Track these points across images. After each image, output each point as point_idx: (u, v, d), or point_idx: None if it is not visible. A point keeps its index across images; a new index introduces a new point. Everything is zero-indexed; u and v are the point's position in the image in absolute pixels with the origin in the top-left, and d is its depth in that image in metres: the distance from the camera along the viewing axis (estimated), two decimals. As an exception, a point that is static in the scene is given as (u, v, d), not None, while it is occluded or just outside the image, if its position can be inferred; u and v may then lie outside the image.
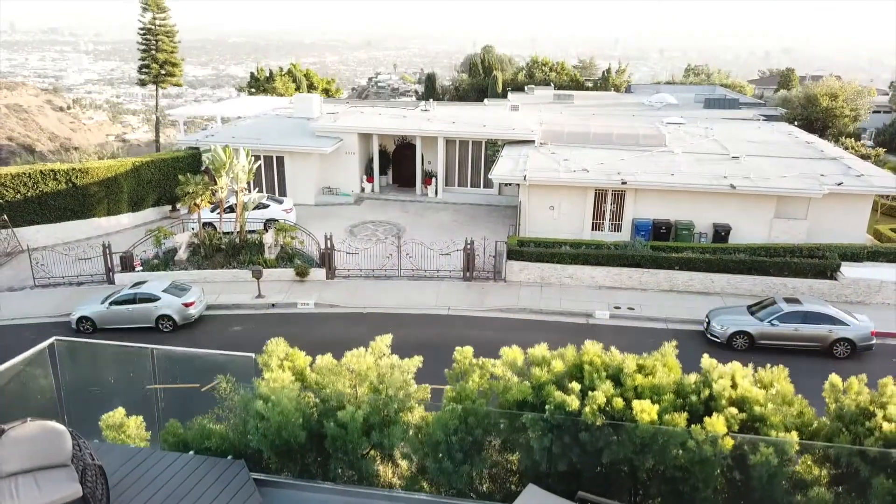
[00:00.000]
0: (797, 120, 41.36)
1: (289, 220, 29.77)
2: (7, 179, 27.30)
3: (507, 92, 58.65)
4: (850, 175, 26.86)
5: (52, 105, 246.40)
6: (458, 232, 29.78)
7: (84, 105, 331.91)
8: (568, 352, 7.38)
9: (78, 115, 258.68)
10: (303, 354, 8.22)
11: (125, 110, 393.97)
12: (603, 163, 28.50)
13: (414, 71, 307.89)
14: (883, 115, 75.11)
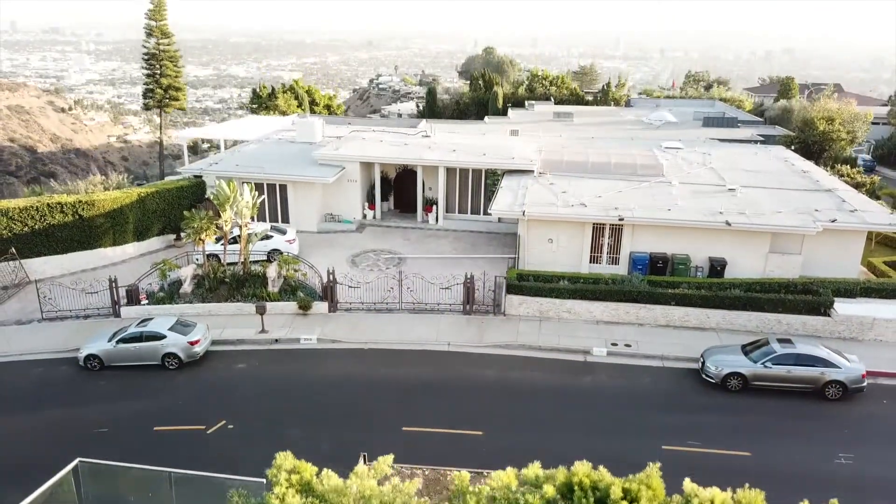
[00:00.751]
0: (794, 143, 41.76)
1: (292, 250, 30.26)
2: (15, 213, 27.78)
3: (508, 108, 59.05)
4: (844, 210, 27.30)
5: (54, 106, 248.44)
6: (458, 263, 30.25)
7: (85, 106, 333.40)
8: (559, 473, 7.77)
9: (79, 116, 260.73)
10: (309, 465, 8.58)
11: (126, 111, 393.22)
12: (601, 196, 28.93)
13: (415, 73, 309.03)
14: (882, 128, 75.63)
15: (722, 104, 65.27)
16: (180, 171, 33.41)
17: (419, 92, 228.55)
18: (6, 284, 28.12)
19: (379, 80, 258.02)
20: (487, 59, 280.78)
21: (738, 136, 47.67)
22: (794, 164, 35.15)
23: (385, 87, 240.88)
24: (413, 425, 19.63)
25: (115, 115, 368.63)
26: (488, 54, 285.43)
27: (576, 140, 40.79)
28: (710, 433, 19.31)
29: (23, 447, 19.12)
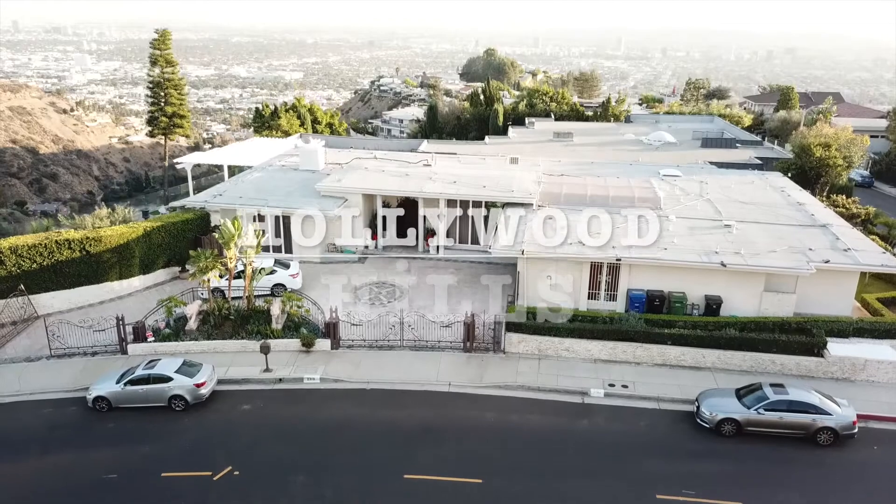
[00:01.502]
0: (791, 168, 42.22)
1: (295, 284, 30.84)
2: (24, 250, 28.31)
3: (508, 126, 59.48)
4: (838, 249, 27.79)
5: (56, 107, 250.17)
6: (459, 296, 30.83)
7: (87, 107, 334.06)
8: None
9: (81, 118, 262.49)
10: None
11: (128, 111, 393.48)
12: (599, 232, 29.42)
13: (416, 74, 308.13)
14: (881, 141, 76.02)
15: (721, 121, 65.69)
16: (185, 203, 33.85)
17: (420, 94, 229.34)
18: (15, 320, 28.64)
19: (380, 83, 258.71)
20: (488, 60, 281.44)
21: (736, 158, 48.16)
22: (790, 194, 35.61)
23: (386, 89, 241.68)
24: (414, 472, 20.15)
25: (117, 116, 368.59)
26: (489, 56, 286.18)
27: (575, 166, 41.22)
28: (705, 481, 19.81)
29: (33, 495, 19.65)
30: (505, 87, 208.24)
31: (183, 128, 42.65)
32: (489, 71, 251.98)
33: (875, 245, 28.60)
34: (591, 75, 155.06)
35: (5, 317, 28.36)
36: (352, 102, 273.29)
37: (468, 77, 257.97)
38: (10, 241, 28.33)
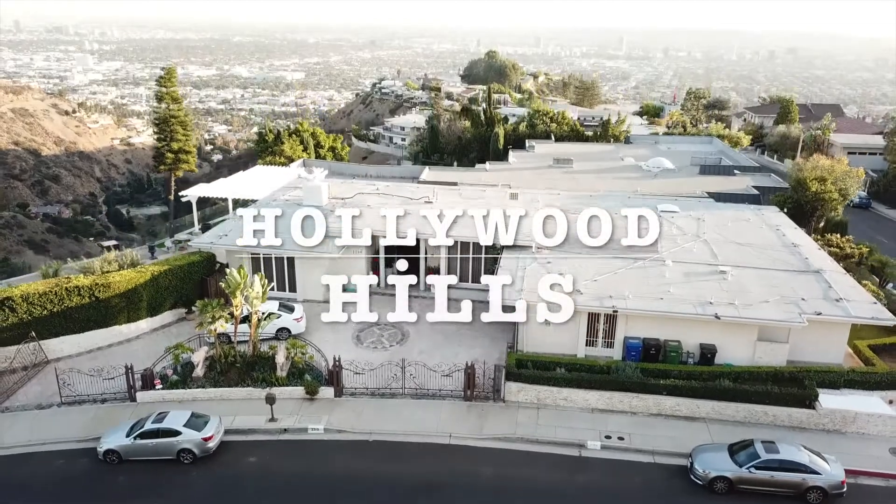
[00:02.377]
0: (788, 202, 42.83)
1: (299, 328, 31.54)
2: (35, 298, 29.00)
3: (508, 150, 60.04)
4: (830, 299, 28.41)
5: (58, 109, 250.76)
6: (460, 338, 31.51)
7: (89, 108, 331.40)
8: None
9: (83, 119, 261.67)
10: None
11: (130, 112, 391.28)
12: (596, 279, 30.06)
13: (417, 76, 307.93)
14: (878, 158, 76.56)
15: (720, 142, 66.23)
16: (190, 240, 34.52)
17: (421, 97, 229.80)
18: (26, 365, 29.33)
19: (382, 85, 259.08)
20: (490, 63, 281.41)
21: (733, 187, 48.76)
22: (785, 234, 36.21)
23: (388, 92, 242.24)
24: (415, 533, 20.85)
25: (119, 118, 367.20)
26: (490, 58, 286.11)
27: (574, 199, 41.80)
28: (697, 543, 20.50)
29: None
30: (506, 90, 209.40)
31: (188, 163, 43.28)
32: (490, 73, 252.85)
33: (866, 294, 29.19)
34: (591, 84, 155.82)
35: (17, 362, 29.05)
36: (353, 105, 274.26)
37: (469, 79, 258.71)
38: (21, 289, 29.00)
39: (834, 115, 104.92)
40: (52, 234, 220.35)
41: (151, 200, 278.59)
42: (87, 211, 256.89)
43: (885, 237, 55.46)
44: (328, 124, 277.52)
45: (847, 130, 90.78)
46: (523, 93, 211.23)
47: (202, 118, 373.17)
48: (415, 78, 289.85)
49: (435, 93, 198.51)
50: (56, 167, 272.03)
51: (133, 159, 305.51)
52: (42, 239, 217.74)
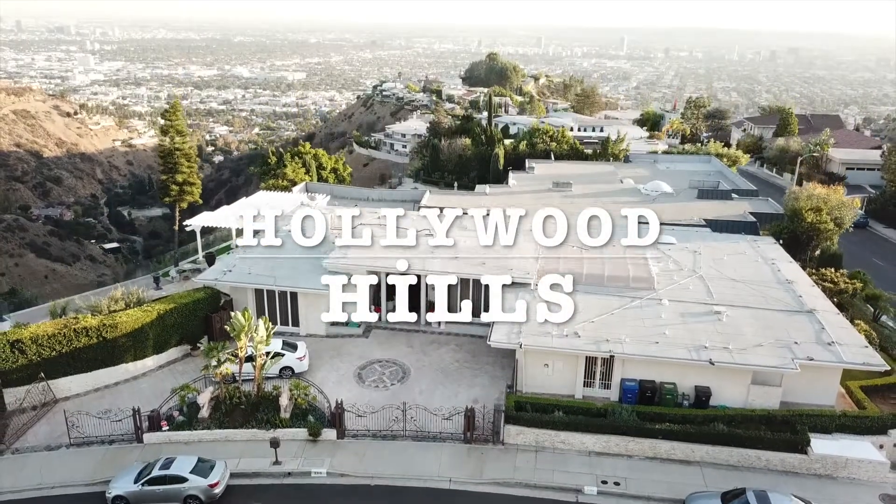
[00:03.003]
0: (784, 232, 43.37)
1: (302, 367, 32.14)
2: (44, 340, 29.63)
3: (509, 171, 60.56)
4: (822, 342, 28.99)
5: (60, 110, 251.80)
6: (459, 377, 32.14)
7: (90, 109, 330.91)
8: None
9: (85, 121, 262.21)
10: None
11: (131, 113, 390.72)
12: (594, 320, 30.66)
13: (419, 78, 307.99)
14: (877, 174, 76.97)
15: (718, 161, 66.72)
16: (194, 274, 35.15)
17: (422, 99, 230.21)
18: (36, 404, 29.96)
19: (383, 87, 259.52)
20: (491, 65, 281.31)
21: (731, 212, 49.40)
22: (780, 269, 36.79)
23: (389, 95, 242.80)
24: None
25: (120, 119, 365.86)
26: (492, 60, 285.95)
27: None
28: None
29: None
30: (507, 93, 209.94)
31: (193, 194, 43.91)
32: (492, 75, 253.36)
33: (858, 337, 29.76)
34: (591, 91, 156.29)
35: (27, 403, 29.68)
36: (354, 107, 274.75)
37: (470, 81, 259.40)
38: (31, 331, 29.62)
39: (833, 127, 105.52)
40: (54, 238, 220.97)
41: (153, 202, 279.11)
42: (89, 213, 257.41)
43: (881, 259, 56.11)
44: (329, 126, 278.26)
45: (846, 143, 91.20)
46: (524, 95, 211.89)
47: (203, 119, 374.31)
48: (416, 80, 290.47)
49: (436, 100, 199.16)
50: (58, 169, 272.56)
51: (134, 160, 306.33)
52: (44, 242, 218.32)
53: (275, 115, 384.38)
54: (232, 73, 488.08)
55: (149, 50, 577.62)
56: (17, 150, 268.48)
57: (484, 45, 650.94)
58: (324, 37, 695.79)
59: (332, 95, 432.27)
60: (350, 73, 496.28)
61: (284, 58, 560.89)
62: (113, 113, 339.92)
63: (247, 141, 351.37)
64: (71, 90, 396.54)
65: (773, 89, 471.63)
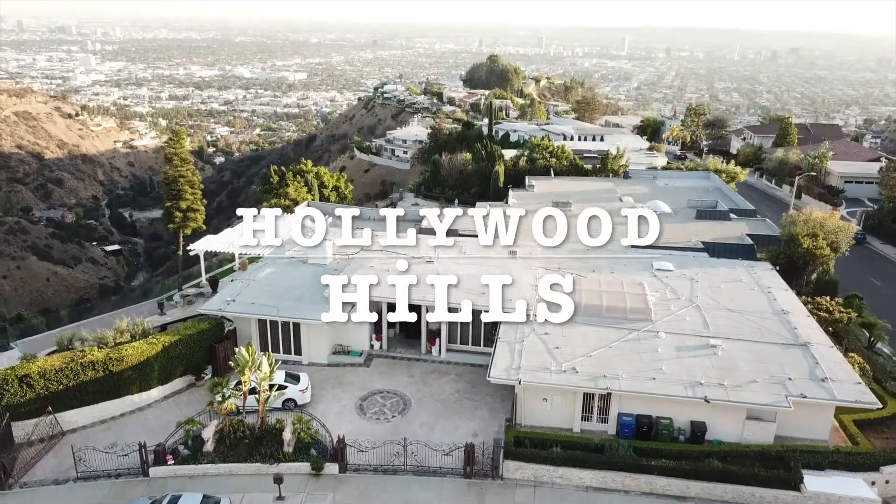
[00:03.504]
0: (780, 257, 43.89)
1: (305, 399, 32.68)
2: (52, 374, 30.21)
3: (508, 188, 61.05)
4: (816, 379, 29.49)
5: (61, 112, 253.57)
6: (460, 409, 32.66)
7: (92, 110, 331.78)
8: None
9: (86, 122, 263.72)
10: None
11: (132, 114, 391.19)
12: (592, 354, 31.21)
13: (420, 81, 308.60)
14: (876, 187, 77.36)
15: (717, 178, 67.17)
16: (201, 311, 35.74)
17: (423, 102, 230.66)
18: (43, 437, 30.53)
19: (384, 90, 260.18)
20: (492, 67, 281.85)
21: (729, 233, 49.98)
22: (776, 298, 37.29)
23: (390, 97, 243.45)
24: None
25: (122, 120, 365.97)
26: (493, 62, 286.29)
27: (571, 256, 42.86)
28: None
29: None
30: (508, 96, 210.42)
31: (196, 221, 44.51)
32: (492, 77, 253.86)
33: (852, 373, 30.24)
34: (591, 98, 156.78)
35: (34, 436, 30.24)
36: (355, 109, 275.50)
37: (471, 83, 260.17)
38: (38, 365, 30.22)
39: (833, 137, 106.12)
40: (56, 240, 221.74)
41: (154, 203, 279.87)
42: (90, 214, 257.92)
43: (878, 278, 56.58)
44: (330, 128, 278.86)
45: (844, 154, 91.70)
46: (525, 97, 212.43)
47: (204, 119, 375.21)
48: (417, 82, 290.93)
49: (437, 102, 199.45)
50: (59, 170, 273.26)
51: (136, 162, 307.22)
52: (45, 245, 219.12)
53: (276, 115, 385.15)
54: (233, 73, 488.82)
55: (150, 50, 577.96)
56: (19, 151, 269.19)
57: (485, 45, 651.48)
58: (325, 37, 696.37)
59: (332, 96, 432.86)
60: (351, 74, 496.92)
61: (285, 58, 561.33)
62: (114, 114, 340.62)
63: (248, 142, 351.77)
64: (72, 91, 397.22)
65: (775, 89, 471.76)
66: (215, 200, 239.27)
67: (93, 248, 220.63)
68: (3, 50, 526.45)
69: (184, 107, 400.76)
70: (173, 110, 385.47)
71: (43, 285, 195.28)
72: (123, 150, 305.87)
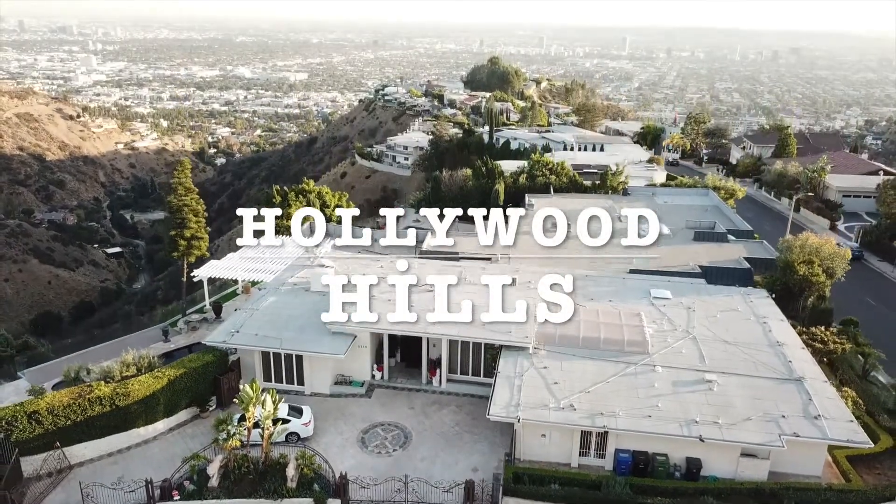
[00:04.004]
0: (777, 284, 44.50)
1: (308, 432, 33.28)
2: (59, 410, 30.82)
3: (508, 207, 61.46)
4: (809, 416, 30.08)
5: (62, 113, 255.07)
6: (460, 442, 33.24)
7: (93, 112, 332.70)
8: None
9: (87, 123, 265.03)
10: None
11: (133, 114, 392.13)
12: (590, 390, 31.83)
13: (421, 84, 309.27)
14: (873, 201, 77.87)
15: (715, 196, 67.71)
16: (206, 342, 36.40)
17: (424, 104, 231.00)
18: (51, 471, 31.15)
19: (385, 92, 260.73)
20: (492, 69, 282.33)
21: (726, 256, 50.70)
22: (772, 329, 37.84)
23: (391, 99, 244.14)
24: None
25: (123, 121, 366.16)
26: (493, 65, 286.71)
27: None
28: None
29: None
30: (508, 98, 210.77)
31: (200, 248, 45.20)
32: (493, 79, 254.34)
33: (845, 410, 30.81)
34: (591, 106, 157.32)
35: (43, 470, 30.87)
36: (356, 111, 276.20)
37: (472, 85, 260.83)
38: (47, 401, 30.84)
39: (832, 146, 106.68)
40: (57, 243, 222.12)
41: (155, 205, 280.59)
42: (92, 217, 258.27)
43: (874, 297, 57.13)
44: (331, 130, 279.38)
45: (843, 166, 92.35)
46: (526, 99, 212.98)
47: (206, 120, 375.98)
48: (418, 84, 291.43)
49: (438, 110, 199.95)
50: (61, 172, 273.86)
51: (137, 163, 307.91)
52: (47, 247, 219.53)
53: (277, 116, 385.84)
54: (234, 73, 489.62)
55: (151, 50, 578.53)
56: (21, 153, 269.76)
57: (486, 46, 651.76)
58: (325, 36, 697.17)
59: (333, 96, 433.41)
60: (352, 74, 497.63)
61: (286, 58, 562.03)
62: (115, 115, 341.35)
63: (249, 143, 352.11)
64: (73, 91, 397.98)
65: (776, 90, 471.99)
66: (216, 202, 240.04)
67: (94, 251, 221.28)
68: (4, 50, 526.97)
69: (185, 107, 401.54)
70: (174, 111, 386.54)
71: (44, 288, 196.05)
72: (125, 151, 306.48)
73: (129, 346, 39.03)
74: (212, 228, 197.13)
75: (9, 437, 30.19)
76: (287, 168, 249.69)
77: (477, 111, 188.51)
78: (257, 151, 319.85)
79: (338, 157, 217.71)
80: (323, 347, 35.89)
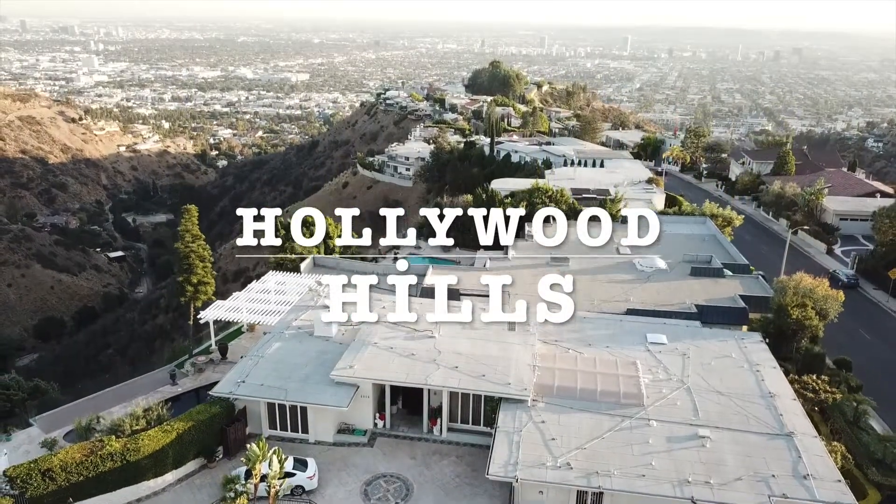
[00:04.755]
0: (770, 327, 45.43)
1: (312, 485, 34.27)
2: (72, 467, 31.84)
3: (509, 238, 62.36)
4: (798, 476, 31.04)
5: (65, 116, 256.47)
6: (460, 494, 34.19)
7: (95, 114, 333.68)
8: None
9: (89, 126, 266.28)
10: None
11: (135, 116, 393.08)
12: (585, 447, 32.81)
13: (422, 86, 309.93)
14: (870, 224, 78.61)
15: (712, 224, 68.55)
16: (212, 394, 37.42)
17: (425, 109, 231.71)
18: (64, 526, 32.21)
19: (386, 96, 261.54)
20: (494, 73, 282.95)
21: (722, 293, 51.62)
22: (764, 378, 38.77)
23: (392, 103, 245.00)
24: None
25: (125, 123, 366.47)
26: (494, 68, 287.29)
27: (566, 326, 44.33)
28: None
29: None
30: (510, 102, 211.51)
31: (206, 293, 46.21)
32: (494, 83, 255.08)
33: (833, 470, 31.74)
34: (592, 119, 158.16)
35: (56, 525, 31.92)
36: (358, 115, 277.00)
37: (473, 89, 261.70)
38: (60, 458, 31.84)
39: (830, 164, 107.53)
40: (60, 247, 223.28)
41: (157, 208, 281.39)
42: (94, 220, 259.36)
43: (867, 331, 57.95)
44: (333, 133, 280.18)
45: (840, 186, 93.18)
46: (527, 103, 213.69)
47: (207, 121, 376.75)
48: (419, 87, 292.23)
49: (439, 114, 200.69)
50: (63, 175, 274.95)
51: (139, 166, 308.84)
52: (50, 252, 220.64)
53: (278, 117, 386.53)
54: (235, 74, 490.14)
55: (153, 50, 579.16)
56: (23, 156, 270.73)
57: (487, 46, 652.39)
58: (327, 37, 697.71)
59: (335, 97, 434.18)
60: (353, 74, 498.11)
61: (288, 58, 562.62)
62: (117, 116, 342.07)
63: (250, 144, 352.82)
64: (75, 92, 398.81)
65: (777, 90, 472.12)
66: (218, 206, 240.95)
67: (96, 255, 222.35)
68: (6, 50, 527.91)
69: (186, 108, 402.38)
70: (176, 112, 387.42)
71: (47, 293, 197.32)
72: (126, 153, 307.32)
73: (138, 392, 40.21)
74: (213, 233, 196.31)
75: (23, 494, 31.23)
76: (288, 172, 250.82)
77: (478, 116, 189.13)
78: (259, 153, 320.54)
79: (339, 162, 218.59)
80: (326, 399, 36.86)
